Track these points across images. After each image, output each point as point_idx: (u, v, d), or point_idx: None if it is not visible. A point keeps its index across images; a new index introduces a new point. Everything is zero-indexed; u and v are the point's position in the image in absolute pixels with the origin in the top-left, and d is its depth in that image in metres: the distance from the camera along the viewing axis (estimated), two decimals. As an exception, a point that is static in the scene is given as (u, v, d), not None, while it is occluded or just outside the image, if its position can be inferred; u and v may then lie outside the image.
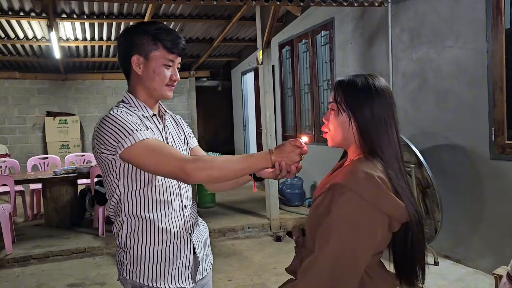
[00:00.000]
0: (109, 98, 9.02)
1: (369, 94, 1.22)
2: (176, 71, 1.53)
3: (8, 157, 7.41)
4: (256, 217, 5.73)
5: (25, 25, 6.31)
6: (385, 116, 1.22)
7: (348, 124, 1.22)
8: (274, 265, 4.31)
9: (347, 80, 1.26)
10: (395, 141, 1.23)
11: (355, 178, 1.12)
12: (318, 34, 6.08)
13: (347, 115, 1.22)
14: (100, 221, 5.05)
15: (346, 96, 1.23)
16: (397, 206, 1.11)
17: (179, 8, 6.10)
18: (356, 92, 1.23)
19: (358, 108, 1.21)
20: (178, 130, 1.65)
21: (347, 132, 1.23)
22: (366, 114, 1.20)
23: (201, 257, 1.57)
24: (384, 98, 1.23)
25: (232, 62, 9.72)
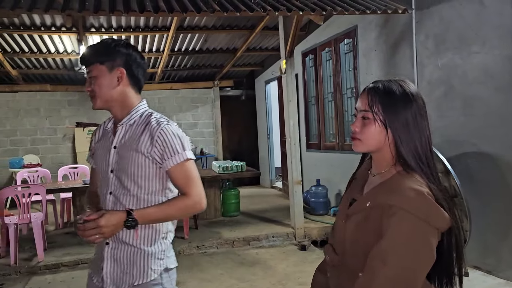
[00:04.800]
0: (136, 109, 9.21)
1: (408, 102, 1.16)
2: (86, 83, 1.67)
3: (40, 167, 7.66)
4: (281, 226, 5.73)
5: (56, 39, 6.55)
6: (424, 125, 1.17)
7: (384, 134, 1.17)
8: (298, 274, 4.29)
9: (383, 87, 1.19)
10: (431, 150, 1.19)
11: (405, 197, 1.08)
12: (341, 42, 6.07)
13: (384, 125, 1.16)
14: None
15: (384, 105, 1.16)
16: (445, 218, 1.08)
17: (203, 20, 6.21)
18: (395, 100, 1.16)
19: (397, 118, 1.15)
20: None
21: (383, 143, 1.18)
22: (406, 124, 1.15)
23: (107, 269, 1.64)
24: (421, 106, 1.19)
25: (256, 71, 9.79)
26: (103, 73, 1.61)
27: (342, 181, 6.16)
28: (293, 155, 5.47)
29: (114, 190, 1.64)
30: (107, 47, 1.64)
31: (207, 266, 4.63)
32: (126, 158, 1.62)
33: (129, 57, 1.65)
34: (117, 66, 1.63)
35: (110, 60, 1.62)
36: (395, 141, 1.16)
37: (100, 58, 1.62)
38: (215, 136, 9.62)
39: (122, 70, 1.64)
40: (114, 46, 1.63)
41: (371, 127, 1.18)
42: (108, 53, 1.62)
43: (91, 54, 1.65)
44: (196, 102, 9.54)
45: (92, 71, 1.62)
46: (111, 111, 1.70)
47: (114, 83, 1.63)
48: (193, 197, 1.60)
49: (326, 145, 6.62)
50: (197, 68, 8.86)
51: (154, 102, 9.31)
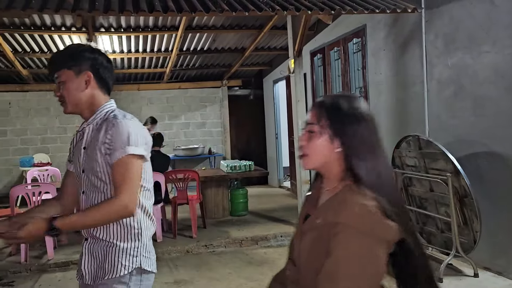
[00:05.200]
0: (144, 108, 9.27)
1: (356, 118, 1.16)
2: (55, 88, 1.70)
3: (50, 165, 7.74)
4: (289, 225, 5.72)
5: (66, 39, 6.60)
6: (373, 140, 1.17)
7: (331, 148, 1.16)
8: (307, 274, 4.28)
9: (330, 102, 1.20)
10: (385, 163, 1.19)
11: (349, 213, 1.07)
12: (350, 41, 6.05)
13: (331, 139, 1.16)
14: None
15: (331, 119, 1.16)
16: (392, 229, 1.07)
17: (211, 19, 6.23)
18: (342, 115, 1.16)
19: (344, 132, 1.15)
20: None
21: (330, 157, 1.17)
22: (352, 139, 1.15)
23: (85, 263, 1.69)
24: (370, 122, 1.18)
25: (264, 71, 9.79)
26: (70, 78, 1.65)
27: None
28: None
29: (86, 189, 1.68)
30: (73, 53, 1.68)
31: (215, 265, 4.64)
32: (92, 157, 1.64)
33: (95, 61, 1.69)
34: (84, 70, 1.67)
35: (76, 65, 1.65)
36: (345, 154, 1.15)
37: (67, 63, 1.66)
38: (223, 135, 9.63)
39: (89, 73, 1.67)
40: (80, 51, 1.68)
41: (317, 140, 1.17)
42: (75, 58, 1.66)
43: (58, 60, 1.69)
44: (205, 101, 9.57)
45: (60, 76, 1.66)
46: (82, 114, 1.73)
47: (82, 86, 1.67)
48: (121, 200, 1.54)
49: (335, 145, 6.60)
50: (206, 67, 8.89)
51: (163, 102, 9.36)
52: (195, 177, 5.56)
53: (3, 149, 8.48)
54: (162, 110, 9.35)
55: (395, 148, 4.47)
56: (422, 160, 4.13)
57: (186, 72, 9.06)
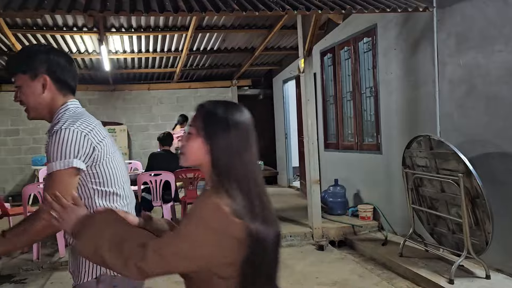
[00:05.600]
0: (154, 108, 9.32)
1: (226, 126, 1.24)
2: (15, 92, 1.63)
3: (61, 164, 7.80)
4: (298, 225, 5.71)
5: (77, 39, 6.66)
6: (241, 148, 1.24)
7: (203, 151, 1.24)
8: (316, 275, 4.28)
9: (207, 107, 1.29)
10: (250, 171, 1.25)
11: (204, 208, 1.18)
12: (360, 41, 6.02)
13: (204, 143, 1.24)
14: (146, 227, 5.21)
15: (205, 123, 1.25)
16: (238, 227, 1.15)
17: (221, 19, 6.24)
18: (215, 121, 1.25)
19: (213, 137, 1.23)
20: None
21: (203, 159, 1.25)
22: (220, 144, 1.23)
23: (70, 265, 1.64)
24: (241, 131, 1.25)
25: (274, 70, 9.78)
26: (26, 83, 1.58)
27: (360, 181, 6.12)
28: (311, 155, 5.45)
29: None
30: (27, 56, 1.60)
31: (224, 265, 4.65)
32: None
33: (50, 62, 1.60)
34: (40, 74, 1.58)
35: (31, 68, 1.57)
36: (212, 158, 1.23)
37: (21, 67, 1.58)
38: (232, 135, 9.64)
39: (45, 77, 1.59)
40: (33, 54, 1.59)
41: (192, 142, 1.26)
42: (29, 61, 1.58)
43: (12, 64, 1.63)
44: (214, 101, 9.57)
45: (17, 81, 1.59)
46: (45, 119, 1.65)
47: (39, 90, 1.58)
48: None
49: (344, 145, 6.58)
50: (215, 67, 8.91)
51: (173, 101, 9.40)
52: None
53: (16, 148, 8.59)
54: (172, 109, 9.38)
55: (406, 148, 4.44)
56: (433, 161, 4.09)
57: (196, 72, 9.09)
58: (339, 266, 4.50)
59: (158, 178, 5.30)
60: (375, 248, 4.85)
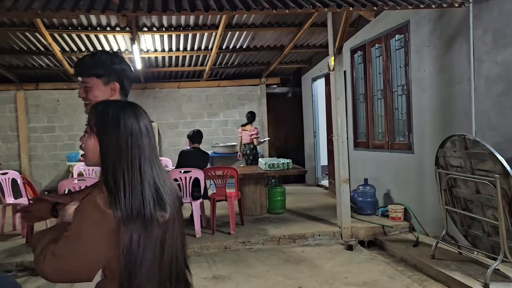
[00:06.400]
0: (184, 106, 9.44)
1: (115, 124, 1.30)
2: (80, 90, 1.82)
3: (95, 161, 8.02)
4: (327, 224, 5.67)
5: (110, 39, 6.82)
6: (128, 146, 1.29)
7: (97, 150, 1.31)
8: (345, 274, 4.23)
9: (101, 107, 1.36)
10: (139, 167, 1.29)
11: (83, 203, 1.26)
12: (392, 38, 5.90)
13: (96, 140, 1.32)
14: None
15: (97, 122, 1.32)
16: (110, 220, 1.22)
17: (251, 17, 6.25)
18: (104, 120, 1.31)
19: (103, 135, 1.30)
20: None
21: (98, 156, 1.32)
22: (108, 142, 1.29)
23: None
24: (131, 130, 1.31)
25: (303, 68, 9.73)
26: (99, 86, 1.78)
27: (391, 180, 6.01)
28: (341, 154, 5.40)
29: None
30: (104, 63, 1.79)
31: (253, 262, 4.67)
32: None
33: (122, 72, 1.82)
34: (112, 81, 1.79)
35: (106, 75, 1.78)
36: (100, 155, 1.31)
37: (97, 72, 1.77)
38: (261, 133, 9.65)
39: (116, 85, 1.81)
40: (110, 63, 1.79)
41: (88, 140, 1.34)
42: (105, 69, 1.78)
43: (88, 67, 1.79)
44: (243, 99, 9.62)
45: (89, 82, 1.78)
46: None
47: (108, 94, 1.79)
48: None
49: (375, 144, 6.48)
50: (244, 65, 8.94)
51: (202, 99, 9.50)
52: (234, 174, 5.61)
53: (52, 144, 8.89)
54: (201, 107, 9.48)
55: (439, 147, 4.33)
56: (468, 161, 3.97)
57: (225, 70, 9.15)
58: (369, 267, 4.44)
59: (188, 175, 5.37)
60: (406, 249, 4.76)
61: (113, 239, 1.23)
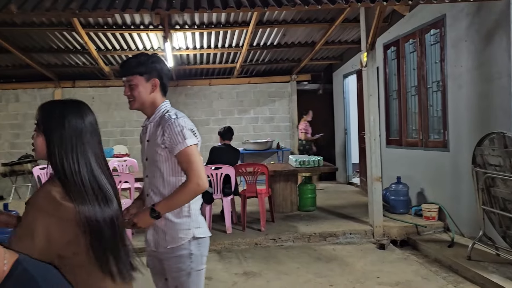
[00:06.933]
0: (215, 102, 9.52)
1: (59, 122, 1.42)
2: (125, 88, 2.07)
3: (128, 157, 8.22)
4: (358, 223, 5.60)
5: (144, 37, 6.95)
6: (73, 142, 1.42)
7: (45, 144, 1.44)
8: (377, 274, 4.17)
9: (45, 106, 1.48)
10: (85, 161, 1.43)
11: (37, 196, 1.38)
12: (427, 33, 5.75)
13: (43, 137, 1.44)
14: (207, 218, 5.34)
15: (43, 120, 1.45)
16: (68, 210, 1.34)
17: (282, 14, 6.23)
18: (49, 118, 1.44)
19: (48, 132, 1.43)
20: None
21: (46, 152, 1.44)
22: (54, 138, 1.42)
23: (149, 234, 2.08)
24: (75, 126, 1.43)
25: (334, 65, 9.62)
26: (142, 83, 2.03)
27: (425, 179, 5.87)
28: (373, 151, 5.31)
29: (149, 173, 2.10)
30: (146, 62, 2.04)
31: (283, 259, 4.67)
32: (152, 149, 2.05)
33: (161, 70, 2.08)
34: (153, 78, 2.05)
35: (147, 72, 2.03)
36: (47, 151, 1.43)
37: (140, 70, 2.02)
38: (291, 130, 9.63)
39: (157, 81, 2.06)
40: (151, 62, 2.05)
41: (36, 138, 1.47)
42: (147, 67, 2.03)
43: (133, 66, 2.03)
44: (273, 96, 9.61)
45: (132, 80, 2.03)
46: (144, 111, 2.12)
47: (149, 90, 2.05)
48: (193, 180, 1.96)
49: (408, 141, 6.34)
50: (275, 62, 8.92)
51: (233, 96, 9.55)
52: (265, 171, 5.62)
53: (87, 140, 9.15)
54: (232, 104, 9.53)
55: (477, 146, 4.19)
56: (507, 159, 3.83)
57: (255, 67, 9.15)
58: (402, 267, 4.36)
59: (219, 172, 5.42)
60: (440, 250, 4.65)
61: (69, 228, 1.35)
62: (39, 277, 1.09)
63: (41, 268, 1.14)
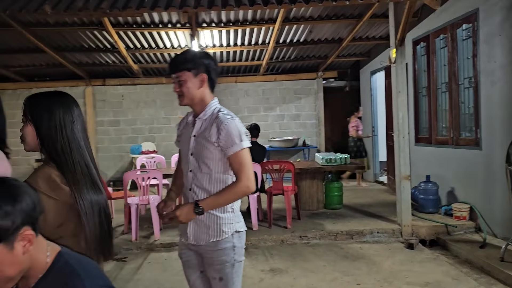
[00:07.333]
0: (241, 100, 9.55)
1: (47, 111, 1.52)
2: (174, 85, 2.08)
3: (156, 153, 8.35)
4: (386, 222, 5.53)
5: (171, 35, 7.04)
6: (62, 128, 1.52)
7: (35, 134, 1.52)
8: (406, 274, 4.11)
9: (32, 97, 1.56)
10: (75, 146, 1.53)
11: (35, 177, 1.47)
12: (459, 27, 5.59)
13: (32, 127, 1.52)
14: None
15: (30, 112, 1.53)
16: (64, 192, 1.45)
17: (309, 10, 6.19)
18: (37, 109, 1.53)
19: (37, 121, 1.52)
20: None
21: (36, 141, 1.53)
22: (44, 126, 1.51)
23: (190, 229, 2.09)
24: (61, 113, 1.52)
25: (361, 61, 9.49)
26: (190, 78, 2.04)
27: (455, 178, 5.73)
28: (402, 149, 5.22)
29: (193, 169, 2.09)
30: (194, 58, 2.05)
31: (310, 257, 4.66)
32: (201, 145, 2.06)
33: (209, 65, 2.08)
34: (201, 73, 2.05)
35: (196, 68, 2.04)
36: (39, 139, 1.52)
37: (188, 66, 2.03)
38: (317, 127, 9.57)
39: (205, 76, 2.06)
40: (199, 58, 2.06)
41: (25, 129, 1.54)
42: (195, 63, 2.04)
43: (180, 63, 2.05)
44: (299, 93, 9.57)
45: (181, 76, 2.04)
46: (193, 107, 2.13)
47: (198, 85, 2.05)
48: (243, 182, 1.99)
49: (438, 139, 6.19)
50: (301, 59, 8.87)
51: (258, 94, 9.55)
52: (291, 168, 5.61)
53: (117, 137, 9.35)
54: (258, 102, 9.54)
55: (511, 144, 4.06)
56: (544, 158, 3.70)
57: (281, 64, 9.13)
58: (431, 267, 4.28)
59: (245, 169, 5.42)
60: (471, 250, 4.53)
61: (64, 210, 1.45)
62: (81, 270, 1.12)
63: (82, 261, 1.18)
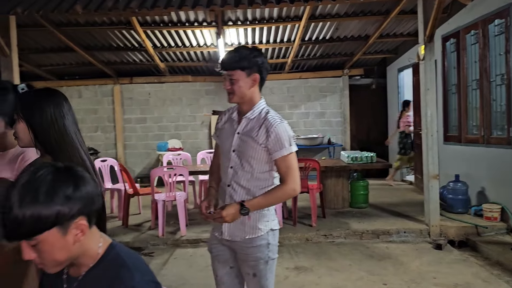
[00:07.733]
0: (266, 98, 9.22)
1: (37, 105, 1.58)
2: (225, 82, 2.06)
3: (182, 151, 8.45)
4: (413, 221, 5.44)
5: (197, 34, 7.10)
6: (54, 122, 1.58)
7: (28, 130, 1.59)
8: (434, 275, 4.04)
9: (21, 95, 1.65)
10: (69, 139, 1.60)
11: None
12: (490, 23, 5.44)
13: (25, 124, 1.58)
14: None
15: (22, 109, 1.59)
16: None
17: (335, 7, 6.13)
18: (28, 106, 1.60)
19: (29, 118, 1.58)
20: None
21: (29, 137, 1.60)
22: (36, 122, 1.58)
23: (226, 225, 2.08)
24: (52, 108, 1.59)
25: (388, 58, 9.34)
26: (242, 77, 2.02)
27: (486, 178, 5.59)
28: (430, 148, 5.12)
29: (234, 166, 2.10)
30: (247, 57, 2.02)
31: (335, 256, 4.63)
32: (245, 143, 2.06)
33: (262, 65, 2.06)
34: (254, 72, 2.03)
35: (249, 67, 2.02)
36: (33, 134, 1.58)
37: (242, 65, 2.01)
38: (343, 125, 9.49)
39: (257, 76, 2.04)
40: (253, 57, 2.03)
41: (18, 125, 1.61)
42: (249, 62, 2.02)
43: (234, 61, 2.03)
44: (325, 91, 9.50)
45: (233, 75, 2.02)
46: (242, 105, 2.13)
47: (249, 85, 2.04)
48: (290, 185, 2.02)
49: (468, 138, 6.04)
50: (327, 57, 8.80)
51: (283, 92, 9.53)
52: (316, 166, 5.58)
53: (144, 134, 9.51)
54: (283, 99, 9.52)
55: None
56: None
57: (307, 62, 9.08)
58: (460, 268, 4.18)
59: (270, 167, 5.43)
60: (502, 252, 4.41)
61: None
62: (131, 264, 1.15)
63: (132, 255, 1.21)
